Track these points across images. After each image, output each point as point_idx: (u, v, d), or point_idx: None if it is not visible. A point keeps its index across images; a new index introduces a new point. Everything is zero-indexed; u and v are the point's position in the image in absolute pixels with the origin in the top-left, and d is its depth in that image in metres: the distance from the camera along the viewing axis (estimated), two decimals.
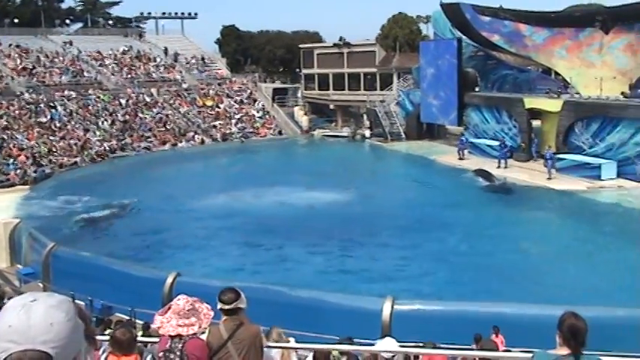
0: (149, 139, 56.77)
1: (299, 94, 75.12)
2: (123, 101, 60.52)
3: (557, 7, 47.71)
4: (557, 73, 49.20)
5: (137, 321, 15.27)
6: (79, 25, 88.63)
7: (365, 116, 63.90)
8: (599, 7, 42.65)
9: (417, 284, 21.93)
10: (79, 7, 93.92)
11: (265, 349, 6.22)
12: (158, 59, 70.96)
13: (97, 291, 17.79)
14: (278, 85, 79.55)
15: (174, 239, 28.82)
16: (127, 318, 16.13)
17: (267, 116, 66.76)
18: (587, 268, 23.74)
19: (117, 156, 52.04)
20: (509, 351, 10.01)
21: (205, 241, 28.53)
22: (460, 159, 46.14)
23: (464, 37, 50.86)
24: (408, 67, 62.80)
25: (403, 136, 57.85)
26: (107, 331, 11.46)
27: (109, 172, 46.15)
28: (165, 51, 72.66)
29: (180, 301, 5.75)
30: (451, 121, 52.11)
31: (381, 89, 65.88)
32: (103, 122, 56.29)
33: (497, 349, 10.72)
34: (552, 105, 41.55)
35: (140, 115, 59.82)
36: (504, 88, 51.10)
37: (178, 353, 5.59)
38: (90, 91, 60.06)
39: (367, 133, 61.76)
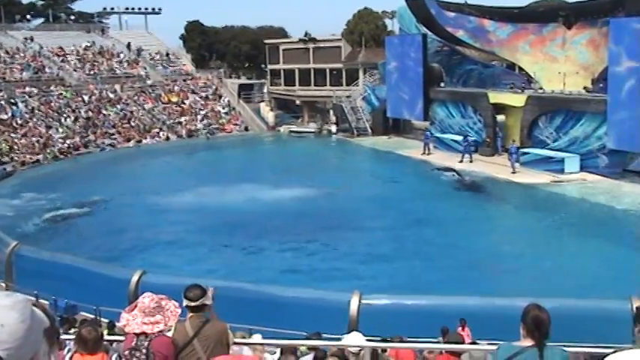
0: (113, 136, 56.28)
1: (265, 90, 74.99)
2: (86, 97, 59.86)
3: (521, 3, 48.03)
4: (521, 68, 49.63)
5: (102, 320, 15.14)
6: (41, 20, 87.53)
7: (331, 112, 63.90)
8: (561, 2, 43.10)
9: (384, 279, 22.01)
10: (41, 2, 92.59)
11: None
12: (121, 55, 70.29)
13: (61, 290, 17.60)
14: (244, 80, 79.35)
15: (140, 237, 28.59)
16: (92, 317, 15.97)
17: (233, 112, 66.48)
18: (550, 259, 23.99)
19: (80, 153, 51.54)
20: (476, 343, 10.08)
21: (171, 238, 28.33)
22: (425, 154, 46.36)
23: (429, 32, 51.05)
24: (373, 62, 62.90)
25: (369, 131, 57.95)
26: (72, 331, 11.33)
27: (72, 170, 45.69)
28: (129, 47, 71.99)
29: (146, 299, 5.71)
30: (417, 116, 52.29)
31: (347, 85, 65.94)
32: (65, 119, 55.69)
33: (463, 342, 10.80)
34: (516, 100, 41.92)
35: (104, 111, 59.26)
36: (469, 83, 51.41)
37: (144, 351, 5.54)
38: (52, 88, 59.31)
39: (334, 128, 61.80)
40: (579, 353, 6.52)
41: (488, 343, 7.21)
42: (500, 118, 44.89)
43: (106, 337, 7.86)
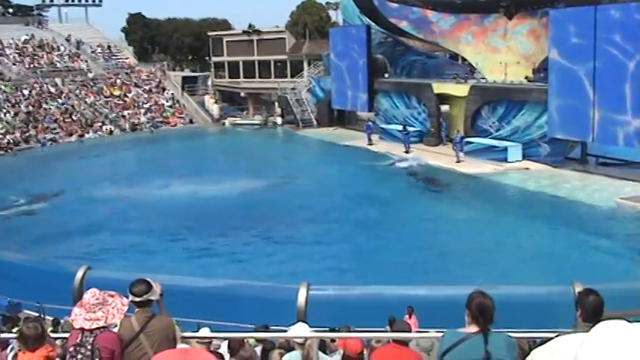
0: (55, 131, 55.35)
1: (209, 83, 74.54)
2: (26, 92, 58.73)
3: None
4: (464, 59, 50.15)
5: (47, 317, 14.90)
6: None
7: (276, 103, 63.81)
8: None
9: (332, 269, 22.08)
10: None
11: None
12: (62, 48, 69.06)
13: (3, 288, 17.27)
14: (187, 73, 78.72)
15: (85, 233, 28.17)
16: (36, 314, 15.71)
17: (177, 105, 65.90)
18: (493, 246, 24.34)
19: (21, 149, 50.63)
20: (423, 331, 10.18)
21: (116, 233, 28.01)
22: (369, 144, 46.58)
23: (372, 23, 51.26)
24: (318, 53, 62.97)
25: (314, 122, 58.05)
26: (15, 329, 11.13)
27: (14, 166, 44.85)
28: (69, 40, 70.75)
29: (88, 295, 5.68)
30: (361, 107, 52.49)
31: (292, 76, 65.91)
32: (5, 114, 54.58)
33: (409, 331, 10.90)
34: (460, 90, 42.38)
35: (45, 105, 58.22)
36: (413, 74, 51.79)
37: (89, 347, 5.49)
38: None
39: (279, 120, 61.77)
40: (523, 338, 6.63)
41: (436, 331, 7.28)
42: (445, 108, 45.36)
43: (52, 335, 7.74)
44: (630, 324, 2.48)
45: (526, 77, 40.28)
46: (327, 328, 10.16)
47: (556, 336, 3.79)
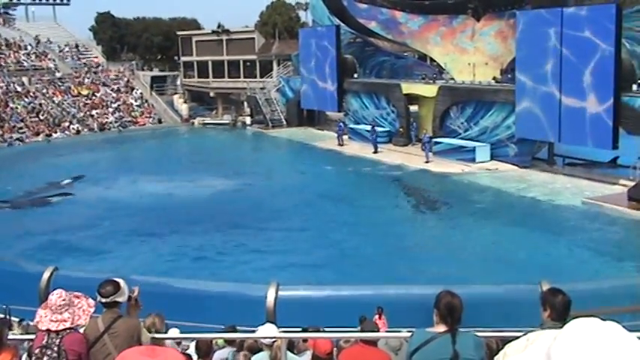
0: (21, 130, 54.79)
1: (178, 82, 74.28)
2: None
3: None
4: (432, 60, 50.40)
5: (13, 318, 14.74)
6: None
7: (245, 103, 63.67)
8: None
9: (303, 269, 22.07)
10: None
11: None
12: (29, 47, 68.34)
13: None
14: (156, 73, 78.33)
15: (53, 234, 27.87)
16: (1, 316, 15.54)
17: (145, 105, 65.52)
18: (461, 246, 24.52)
19: None
20: (393, 331, 10.21)
21: (84, 233, 27.75)
22: (339, 145, 46.65)
23: (342, 24, 51.38)
24: (287, 54, 62.95)
25: (284, 122, 58.02)
26: None
27: None
28: (37, 38, 70.02)
29: (54, 296, 5.66)
30: (331, 107, 52.58)
31: (261, 76, 65.83)
32: None
33: (378, 330, 10.94)
34: (428, 90, 42.62)
35: (11, 105, 57.60)
36: (382, 74, 51.96)
37: (56, 349, 5.47)
38: None
39: (248, 120, 61.61)
40: (491, 337, 6.68)
41: (407, 331, 7.32)
42: (414, 108, 45.58)
43: (17, 337, 7.67)
44: (603, 322, 2.52)
45: (494, 78, 40.61)
46: (295, 329, 10.16)
47: (524, 334, 3.83)
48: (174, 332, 9.22)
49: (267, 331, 7.94)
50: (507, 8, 40.42)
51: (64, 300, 5.63)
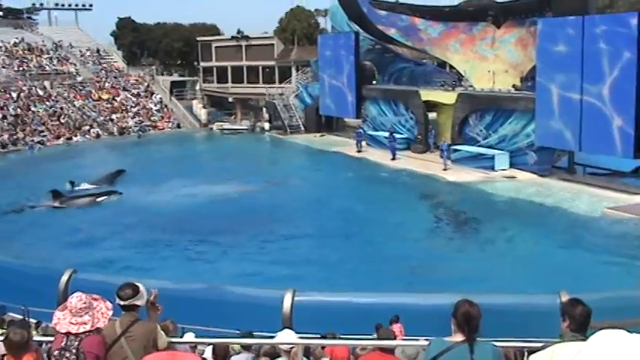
0: (42, 134, 55.20)
1: (197, 87, 74.48)
2: (14, 94, 58.56)
3: (452, 2, 48.61)
4: (451, 67, 50.23)
5: (31, 320, 14.79)
6: None
7: (264, 109, 63.80)
8: (491, 2, 43.65)
9: (319, 275, 22.02)
10: None
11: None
12: (51, 51, 68.89)
13: None
14: (176, 78, 78.59)
15: (70, 236, 28.03)
16: (21, 317, 15.60)
17: (165, 110, 65.86)
18: (481, 255, 24.38)
19: (8, 151, 50.48)
20: (410, 339, 10.14)
21: (104, 237, 27.89)
22: (358, 151, 46.57)
23: (361, 30, 51.37)
24: (306, 60, 62.98)
25: (302, 128, 58.05)
26: (0, 331, 11.03)
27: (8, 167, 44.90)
28: (59, 43, 70.55)
29: (74, 299, 5.67)
30: (349, 113, 52.58)
31: (280, 82, 65.88)
32: None
33: (394, 338, 10.87)
34: (447, 97, 42.49)
35: (33, 108, 58.07)
36: (401, 81, 51.86)
37: (74, 351, 5.50)
38: None
39: (266, 125, 61.73)
40: (509, 348, 6.61)
41: (424, 339, 7.26)
42: (432, 115, 45.45)
43: (36, 338, 7.68)
44: (629, 334, 2.46)
45: (514, 86, 40.41)
46: (313, 335, 10.12)
47: (542, 345, 3.77)
48: (189, 337, 9.21)
49: (286, 337, 7.91)
50: (528, 16, 40.23)
51: (84, 303, 5.66)
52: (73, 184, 36.84)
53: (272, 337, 8.44)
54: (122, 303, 5.92)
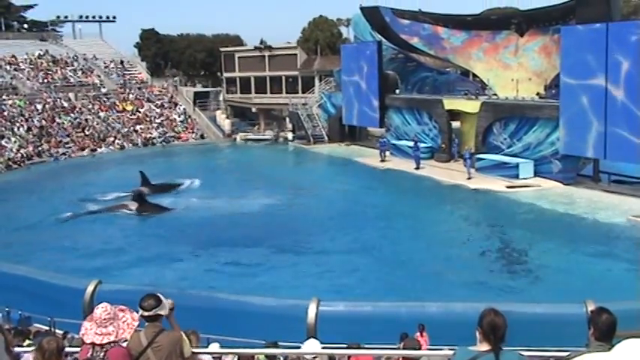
0: (67, 145, 55.66)
1: (221, 98, 74.78)
2: (39, 106, 59.16)
3: (475, 11, 48.56)
4: (475, 75, 50.14)
5: (57, 331, 14.91)
6: None
7: (287, 119, 63.96)
8: (514, 10, 43.58)
9: (344, 286, 22.01)
10: None
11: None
12: (75, 63, 69.55)
13: (15, 301, 17.28)
14: (199, 88, 78.94)
15: (99, 248, 28.22)
16: (47, 328, 15.73)
17: (188, 120, 66.15)
18: (505, 264, 24.25)
19: (34, 162, 50.96)
20: (435, 349, 10.12)
21: (127, 248, 28.05)
22: (382, 160, 46.54)
23: (384, 39, 51.41)
24: (329, 69, 63.09)
25: (326, 138, 58.09)
26: (26, 343, 11.15)
27: (27, 179, 45.24)
28: (83, 55, 71.23)
29: (99, 310, 5.70)
30: (373, 123, 52.57)
31: (303, 92, 66.03)
32: (18, 128, 54.92)
33: (420, 348, 10.85)
34: (471, 106, 42.36)
35: (57, 120, 58.60)
36: (424, 90, 51.84)
37: None
38: (5, 97, 58.51)
39: (290, 135, 61.87)
40: (535, 357, 6.59)
41: (448, 349, 7.24)
42: (456, 124, 45.34)
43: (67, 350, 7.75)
44: None
45: (537, 94, 40.25)
46: (337, 345, 10.12)
47: (568, 355, 3.77)
48: (215, 347, 9.24)
49: (312, 346, 7.92)
50: (552, 23, 40.10)
51: (108, 314, 5.68)
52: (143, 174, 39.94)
53: (297, 348, 8.46)
54: (145, 314, 5.91)
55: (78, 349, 6.11)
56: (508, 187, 36.01)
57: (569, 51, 34.87)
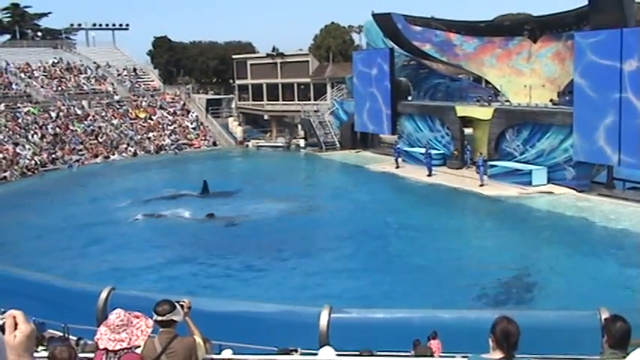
0: (81, 152, 55.92)
1: (233, 105, 74.99)
2: (53, 114, 59.49)
3: (487, 17, 48.61)
4: (487, 82, 50.08)
5: (71, 337, 14.94)
6: (7, 37, 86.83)
7: (299, 126, 64.05)
8: (527, 16, 43.62)
9: (355, 292, 21.98)
10: (7, 19, 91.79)
11: None
12: (89, 71, 69.91)
13: (28, 307, 17.30)
14: (211, 96, 79.22)
15: (114, 254, 28.28)
16: (60, 334, 15.76)
17: (201, 127, 66.34)
18: (518, 272, 24.15)
19: (47, 170, 51.22)
20: (447, 356, 10.08)
21: (142, 254, 28.11)
22: (397, 167, 46.40)
23: (396, 46, 51.40)
24: (341, 76, 63.17)
25: (338, 145, 58.10)
26: (40, 348, 11.16)
27: (41, 186, 45.53)
28: (96, 63, 71.61)
29: (112, 316, 5.69)
30: (385, 130, 52.53)
31: (315, 99, 66.13)
32: (32, 136, 55.24)
33: (432, 355, 10.81)
34: (483, 113, 42.24)
35: (71, 127, 58.90)
36: (437, 97, 51.79)
37: None
38: (19, 104, 58.87)
39: (302, 142, 61.93)
40: None
41: (461, 356, 7.21)
42: (468, 131, 45.24)
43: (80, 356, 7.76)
44: None
45: (551, 100, 40.11)
46: (350, 353, 10.10)
47: None
48: (227, 353, 9.24)
49: (327, 353, 7.91)
50: (565, 29, 39.99)
51: (122, 320, 5.67)
52: (206, 182, 41.21)
53: (309, 355, 8.45)
54: (159, 319, 5.94)
55: (91, 355, 6.12)
56: (521, 194, 35.87)
57: (583, 56, 34.69)
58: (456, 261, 25.85)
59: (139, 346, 5.80)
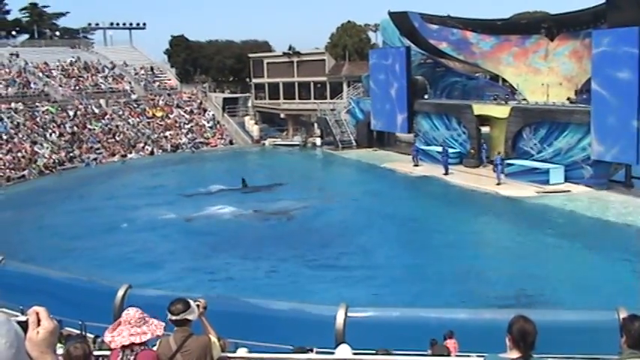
0: (98, 151, 56.19)
1: (249, 104, 75.05)
2: (71, 113, 59.81)
3: (504, 15, 48.39)
4: (504, 80, 49.87)
5: (88, 334, 15.01)
6: (26, 36, 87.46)
7: (316, 125, 64.02)
8: (544, 14, 43.39)
9: (372, 290, 21.96)
10: (26, 19, 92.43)
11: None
12: (106, 70, 70.22)
13: (46, 305, 17.29)
14: (228, 94, 79.36)
15: (129, 252, 28.38)
16: (77, 332, 15.85)
17: (217, 126, 66.48)
18: (536, 271, 24.03)
19: (65, 168, 51.51)
20: (464, 355, 10.05)
21: (158, 252, 28.22)
22: (415, 165, 46.27)
23: (412, 45, 51.28)
24: (357, 75, 63.08)
25: (354, 143, 58.05)
26: (57, 345, 11.20)
27: (58, 184, 45.82)
28: (114, 62, 71.95)
29: (131, 311, 5.74)
30: (401, 128, 52.43)
31: (332, 98, 66.04)
32: (50, 134, 55.56)
33: (449, 354, 10.79)
34: (500, 111, 42.07)
35: (89, 126, 59.20)
36: (453, 95, 51.63)
37: None
38: (37, 103, 59.27)
39: (318, 141, 61.90)
40: None
41: (477, 356, 7.19)
42: (485, 129, 45.06)
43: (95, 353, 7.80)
44: None
45: (568, 99, 39.89)
46: (366, 351, 10.09)
47: None
48: (242, 352, 9.25)
49: (343, 352, 7.91)
50: (582, 28, 39.76)
51: (141, 314, 5.74)
52: (244, 180, 42.21)
53: (326, 353, 8.44)
54: (174, 318, 5.99)
55: (108, 353, 6.15)
56: (538, 192, 35.69)
57: (600, 55, 34.48)
58: (467, 259, 25.79)
59: (159, 337, 5.86)
